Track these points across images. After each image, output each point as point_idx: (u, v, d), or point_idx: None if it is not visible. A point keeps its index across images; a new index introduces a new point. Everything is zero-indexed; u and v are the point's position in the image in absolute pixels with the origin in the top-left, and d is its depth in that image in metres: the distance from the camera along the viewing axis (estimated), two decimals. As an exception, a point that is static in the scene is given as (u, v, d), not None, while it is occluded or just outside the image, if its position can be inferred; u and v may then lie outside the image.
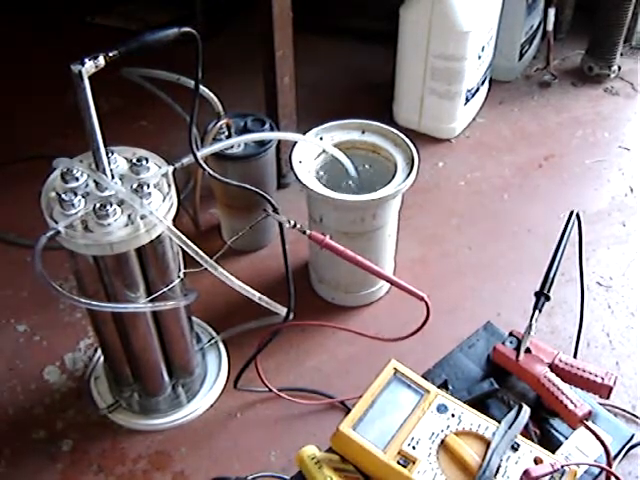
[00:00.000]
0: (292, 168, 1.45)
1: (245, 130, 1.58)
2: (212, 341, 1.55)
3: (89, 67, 1.01)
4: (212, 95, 1.51)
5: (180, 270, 1.26)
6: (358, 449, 1.02)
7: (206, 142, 1.54)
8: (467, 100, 2.05)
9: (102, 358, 1.50)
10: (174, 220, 1.17)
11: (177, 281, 1.25)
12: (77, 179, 1.13)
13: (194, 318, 1.50)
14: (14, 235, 1.83)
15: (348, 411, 1.08)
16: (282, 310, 1.31)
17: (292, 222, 1.24)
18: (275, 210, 1.27)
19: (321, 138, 1.52)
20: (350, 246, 1.27)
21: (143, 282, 1.21)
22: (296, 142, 1.50)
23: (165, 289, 1.23)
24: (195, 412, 1.46)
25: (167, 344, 1.36)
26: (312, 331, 1.59)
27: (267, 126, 1.60)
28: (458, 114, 2.07)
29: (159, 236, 1.15)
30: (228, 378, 1.51)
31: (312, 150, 1.51)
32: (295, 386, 1.49)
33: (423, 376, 1.17)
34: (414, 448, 1.02)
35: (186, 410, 1.45)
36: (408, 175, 1.44)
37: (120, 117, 2.11)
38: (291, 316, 1.34)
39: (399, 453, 1.01)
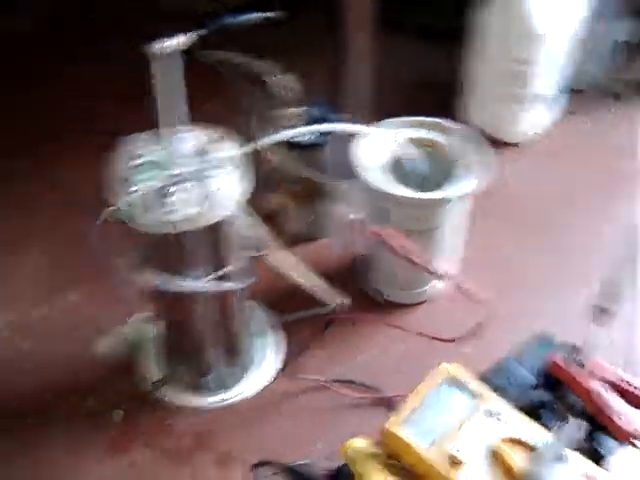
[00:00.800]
0: (357, 162, 1.45)
1: (315, 118, 1.58)
2: (266, 325, 1.55)
3: (167, 47, 1.02)
4: (284, 80, 1.52)
5: (243, 252, 1.27)
6: (404, 447, 1.01)
7: (276, 128, 1.54)
8: (538, 105, 2.02)
9: (154, 333, 1.53)
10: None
11: (239, 263, 1.26)
12: (145, 156, 1.15)
13: (250, 301, 1.51)
14: (71, 205, 1.86)
15: (396, 409, 1.07)
16: (339, 301, 1.32)
17: (355, 215, 1.24)
18: (339, 202, 1.27)
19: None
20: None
21: (206, 262, 1.22)
22: (362, 134, 1.49)
23: (227, 270, 1.24)
24: (243, 394, 1.47)
25: (222, 324, 1.37)
26: (364, 326, 1.58)
27: (336, 116, 1.59)
28: (527, 119, 2.04)
29: (225, 217, 1.16)
30: (278, 364, 1.52)
31: (378, 144, 1.50)
32: (345, 378, 1.48)
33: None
34: (461, 451, 1.01)
35: (234, 391, 1.47)
36: (476, 177, 1.42)
37: (189, 98, 2.12)
38: (346, 308, 1.34)
39: (445, 455, 1.00)
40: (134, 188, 1.10)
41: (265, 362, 1.51)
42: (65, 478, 1.36)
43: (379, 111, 1.63)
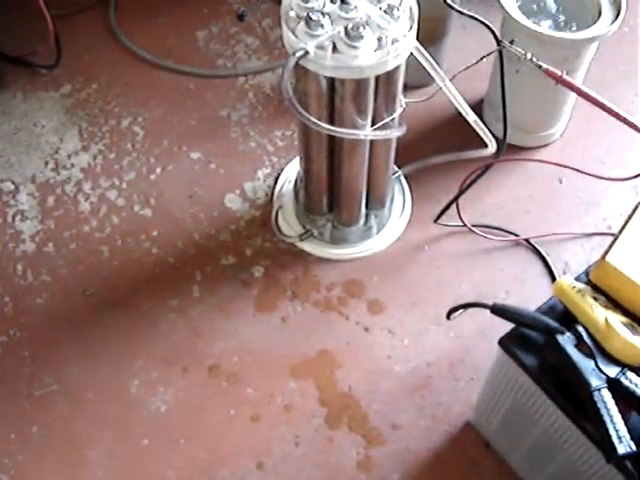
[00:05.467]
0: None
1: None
2: (401, 174, 1.53)
3: None
4: None
5: (402, 100, 1.23)
6: (624, 281, 1.01)
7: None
8: None
9: (287, 187, 1.51)
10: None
11: (400, 110, 1.23)
12: (318, -1, 1.09)
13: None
14: (172, 62, 1.79)
15: (610, 244, 1.04)
16: (493, 144, 1.29)
17: (529, 55, 1.20)
18: (502, 42, 1.21)
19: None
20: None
21: (371, 108, 1.18)
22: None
23: (389, 118, 1.21)
24: (384, 243, 1.47)
25: (371, 174, 1.35)
26: (492, 169, 1.54)
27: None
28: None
29: (402, 62, 1.11)
30: (416, 212, 1.52)
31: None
32: (481, 222, 1.49)
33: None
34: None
35: (375, 241, 1.47)
36: (614, 15, 1.38)
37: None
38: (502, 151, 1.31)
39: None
40: (320, 32, 1.05)
41: (404, 211, 1.51)
42: (222, 337, 1.38)
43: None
